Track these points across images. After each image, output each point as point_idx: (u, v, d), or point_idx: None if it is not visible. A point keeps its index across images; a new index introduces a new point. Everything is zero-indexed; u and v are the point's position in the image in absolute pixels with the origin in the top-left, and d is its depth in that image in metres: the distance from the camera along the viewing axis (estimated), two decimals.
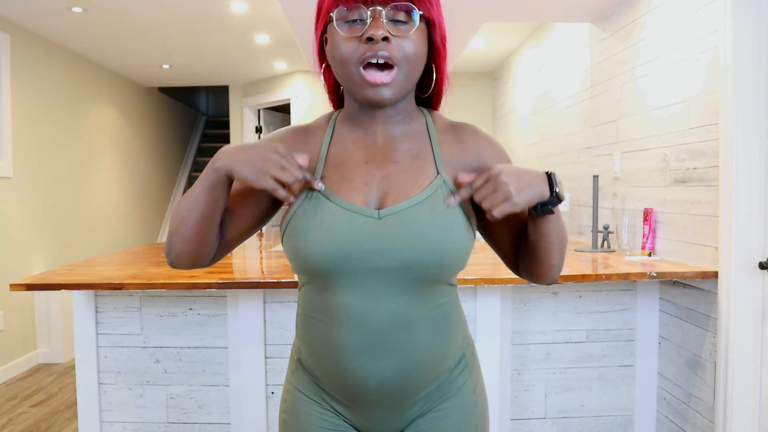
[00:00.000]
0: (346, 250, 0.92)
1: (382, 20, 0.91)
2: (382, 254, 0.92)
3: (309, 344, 1.00)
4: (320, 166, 0.99)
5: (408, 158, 0.98)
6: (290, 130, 1.05)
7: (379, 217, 0.93)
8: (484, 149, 1.01)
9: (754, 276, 2.10)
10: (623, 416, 2.54)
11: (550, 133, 4.06)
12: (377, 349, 0.94)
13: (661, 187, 2.59)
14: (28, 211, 4.30)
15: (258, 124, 6.63)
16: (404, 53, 0.92)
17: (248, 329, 2.36)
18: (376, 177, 0.96)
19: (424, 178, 0.96)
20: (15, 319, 4.11)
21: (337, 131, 1.02)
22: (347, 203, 0.94)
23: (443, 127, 1.03)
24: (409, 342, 0.94)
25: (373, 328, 0.93)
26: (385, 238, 0.92)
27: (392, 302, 0.93)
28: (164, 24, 4.22)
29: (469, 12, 3.31)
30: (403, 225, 0.92)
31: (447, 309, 0.99)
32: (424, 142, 1.00)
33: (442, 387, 1.01)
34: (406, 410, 1.00)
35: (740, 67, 2.07)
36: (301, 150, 1.01)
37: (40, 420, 3.29)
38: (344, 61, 0.93)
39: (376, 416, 1.00)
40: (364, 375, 0.95)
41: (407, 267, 0.92)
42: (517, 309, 2.47)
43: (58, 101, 4.74)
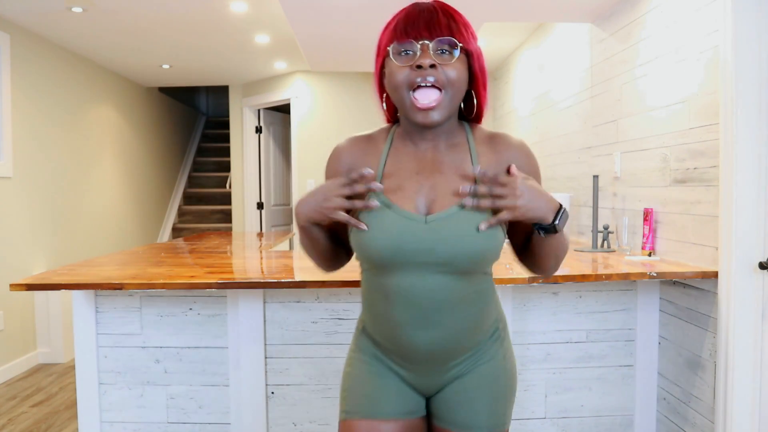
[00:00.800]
0: (398, 247, 1.13)
1: (429, 51, 1.11)
2: (427, 252, 1.12)
3: (371, 316, 1.24)
4: (379, 174, 1.20)
5: (451, 169, 1.18)
6: (357, 138, 1.27)
7: (426, 222, 1.13)
8: (517, 158, 1.20)
9: (754, 276, 2.10)
10: (623, 416, 2.54)
11: (550, 133, 4.06)
12: (424, 322, 1.16)
13: (661, 187, 2.59)
14: (28, 211, 4.30)
15: (258, 124, 6.63)
16: (448, 78, 1.12)
17: (248, 329, 2.36)
18: (424, 186, 1.17)
19: None
20: (15, 319, 4.11)
21: (394, 144, 1.23)
22: (400, 209, 1.15)
23: (481, 138, 1.22)
24: (449, 317, 1.16)
25: (421, 305, 1.15)
26: (430, 240, 1.12)
27: (435, 286, 1.14)
28: (164, 24, 4.22)
29: (469, 12, 3.29)
30: (445, 229, 1.12)
31: (482, 292, 1.21)
32: (465, 155, 1.20)
33: (477, 354, 1.23)
34: (447, 371, 1.23)
35: (740, 67, 2.07)
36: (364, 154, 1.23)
37: (40, 420, 3.29)
38: (398, 86, 1.13)
39: (423, 374, 1.23)
40: (414, 341, 1.18)
41: (447, 262, 1.13)
42: (517, 309, 2.47)
43: (58, 101, 4.74)
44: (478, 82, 1.19)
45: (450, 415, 1.24)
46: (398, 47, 1.14)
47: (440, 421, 1.26)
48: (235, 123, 6.67)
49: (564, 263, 2.52)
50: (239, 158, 6.65)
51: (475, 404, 1.23)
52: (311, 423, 2.43)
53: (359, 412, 1.23)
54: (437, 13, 1.14)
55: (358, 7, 3.23)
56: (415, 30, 1.12)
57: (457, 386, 1.24)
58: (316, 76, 5.83)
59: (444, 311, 1.16)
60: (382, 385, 1.24)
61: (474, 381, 1.23)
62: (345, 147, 1.26)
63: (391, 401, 1.23)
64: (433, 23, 1.12)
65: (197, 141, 8.71)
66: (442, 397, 1.26)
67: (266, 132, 6.69)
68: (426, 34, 1.12)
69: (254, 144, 6.61)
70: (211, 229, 7.43)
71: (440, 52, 1.12)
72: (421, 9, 1.15)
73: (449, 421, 1.24)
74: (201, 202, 7.96)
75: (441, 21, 1.13)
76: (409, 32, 1.12)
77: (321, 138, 5.75)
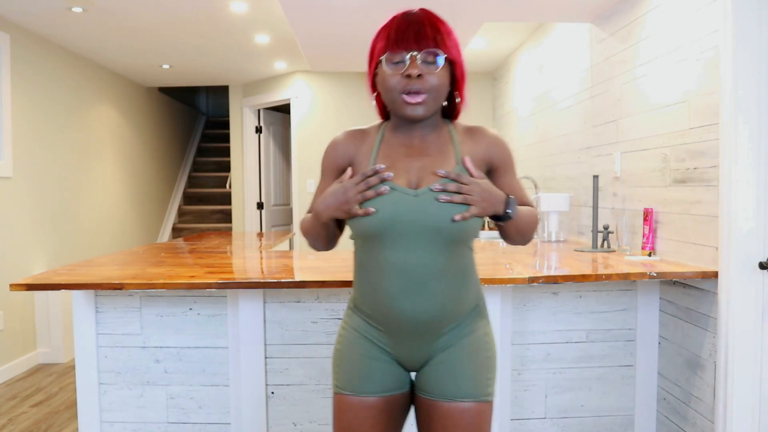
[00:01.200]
0: (392, 218, 1.28)
1: (417, 62, 1.29)
2: (417, 222, 1.28)
3: (363, 290, 1.38)
4: (373, 158, 1.36)
5: (436, 153, 1.36)
6: (352, 131, 1.44)
7: (416, 194, 1.30)
8: (491, 144, 1.40)
9: (754, 276, 2.10)
10: (623, 416, 2.54)
11: (550, 133, 4.06)
12: (413, 292, 1.30)
13: (661, 187, 2.59)
14: (28, 211, 4.30)
15: (258, 124, 6.63)
16: (432, 85, 1.30)
17: (248, 329, 2.36)
18: (413, 167, 1.34)
19: (447, 167, 1.33)
20: (15, 319, 4.11)
21: (386, 136, 1.40)
22: (393, 184, 1.30)
23: (461, 130, 1.41)
24: (437, 288, 1.31)
25: (411, 276, 1.29)
26: (420, 210, 1.28)
27: (425, 258, 1.29)
28: (164, 24, 4.22)
29: (469, 12, 3.31)
30: (433, 200, 1.28)
31: (466, 266, 1.36)
32: (448, 142, 1.38)
33: (460, 327, 1.37)
34: (433, 342, 1.35)
35: (740, 67, 2.07)
36: (359, 144, 1.40)
37: (40, 420, 3.29)
38: (390, 90, 1.31)
39: (409, 347, 1.36)
40: (404, 310, 1.31)
41: (436, 230, 1.28)
42: (517, 309, 2.47)
43: (58, 101, 4.74)
44: (459, 85, 1.38)
45: (435, 386, 1.36)
46: (390, 56, 1.31)
47: (426, 393, 1.38)
48: (235, 123, 6.67)
49: (564, 263, 2.53)
50: (239, 158, 6.65)
51: (458, 374, 1.35)
52: (311, 423, 2.43)
53: (348, 388, 1.39)
54: (424, 26, 1.30)
55: (358, 7, 3.23)
56: (405, 42, 1.29)
57: (441, 358, 1.36)
58: (316, 76, 5.83)
59: (431, 281, 1.30)
60: (369, 364, 1.38)
61: (456, 353, 1.36)
62: (341, 139, 1.43)
63: (377, 379, 1.38)
64: (421, 35, 1.29)
65: (197, 141, 8.71)
66: (427, 370, 1.38)
67: (266, 132, 6.69)
68: (415, 45, 1.29)
69: (254, 144, 6.61)
70: (211, 229, 7.43)
71: (426, 62, 1.30)
72: (410, 21, 1.31)
73: (435, 392, 1.36)
74: (201, 202, 7.96)
75: (428, 33, 1.29)
76: (400, 44, 1.29)
77: (321, 138, 5.75)
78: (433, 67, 1.30)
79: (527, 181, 4.43)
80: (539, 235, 3.66)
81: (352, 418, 1.37)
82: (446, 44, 1.32)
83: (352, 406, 1.38)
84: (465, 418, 1.34)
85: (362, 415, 1.37)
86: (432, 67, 1.30)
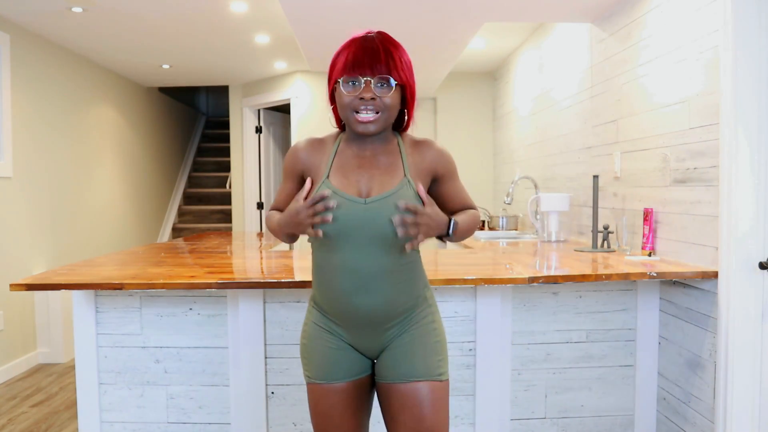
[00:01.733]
0: (344, 223, 1.44)
1: (371, 86, 1.44)
2: (367, 227, 1.45)
3: (320, 288, 1.54)
4: (327, 168, 1.52)
5: (385, 166, 1.52)
6: (312, 139, 1.60)
7: (366, 203, 1.46)
8: (436, 157, 1.57)
9: (754, 276, 2.10)
10: (623, 416, 2.54)
11: (550, 133, 4.06)
12: (364, 290, 1.48)
13: (661, 187, 2.59)
14: (28, 211, 4.30)
15: (258, 124, 6.63)
16: (384, 105, 1.46)
17: (248, 329, 2.36)
18: (364, 177, 1.50)
19: (395, 179, 1.50)
20: (15, 319, 4.11)
21: (340, 147, 1.56)
22: (344, 193, 1.47)
23: (409, 143, 1.58)
24: (385, 285, 1.48)
25: (362, 275, 1.47)
26: (369, 217, 1.45)
27: (375, 260, 1.46)
28: (164, 24, 4.22)
29: (469, 12, 3.31)
30: (381, 209, 1.45)
31: (409, 265, 1.52)
32: (396, 155, 1.54)
33: (409, 317, 1.54)
34: (385, 332, 1.53)
35: (740, 67, 2.07)
36: (316, 152, 1.56)
37: (40, 420, 3.29)
38: (345, 108, 1.47)
39: (365, 336, 1.53)
40: (356, 306, 1.49)
41: (384, 235, 1.45)
42: (517, 309, 2.47)
43: (58, 101, 4.74)
44: (410, 104, 1.54)
45: (392, 371, 1.52)
46: (347, 79, 1.46)
47: (384, 378, 1.54)
48: (235, 123, 6.67)
49: (564, 263, 2.53)
50: (239, 158, 6.65)
51: (410, 357, 1.51)
52: (311, 423, 2.42)
53: (319, 377, 1.55)
54: (379, 52, 1.45)
55: (358, 7, 3.23)
56: (360, 68, 1.44)
57: (394, 345, 1.53)
58: (316, 76, 5.83)
59: (380, 280, 1.47)
60: (334, 354, 1.55)
61: (407, 339, 1.52)
62: (301, 147, 1.59)
63: (342, 367, 1.54)
64: (375, 61, 1.44)
65: (197, 141, 8.71)
66: (383, 357, 1.55)
67: (266, 132, 6.69)
68: (369, 72, 1.44)
69: (254, 144, 6.61)
70: (211, 229, 7.43)
71: (379, 86, 1.45)
72: (366, 47, 1.45)
73: (392, 376, 1.52)
74: (201, 202, 7.96)
75: (381, 59, 1.44)
76: (356, 69, 1.44)
77: None
78: (385, 90, 1.45)
79: (527, 181, 4.43)
80: (539, 234, 3.66)
81: (326, 404, 1.55)
82: (398, 70, 1.46)
83: (324, 392, 1.55)
84: (420, 396, 1.50)
85: (334, 400, 1.54)
86: (384, 90, 1.45)
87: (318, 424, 1.58)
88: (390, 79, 1.45)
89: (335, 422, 1.55)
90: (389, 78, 1.45)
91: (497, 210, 5.44)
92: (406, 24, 3.51)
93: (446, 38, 3.89)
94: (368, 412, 1.63)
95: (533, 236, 3.95)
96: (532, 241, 3.66)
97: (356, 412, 1.57)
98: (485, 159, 5.81)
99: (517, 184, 4.70)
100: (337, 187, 1.48)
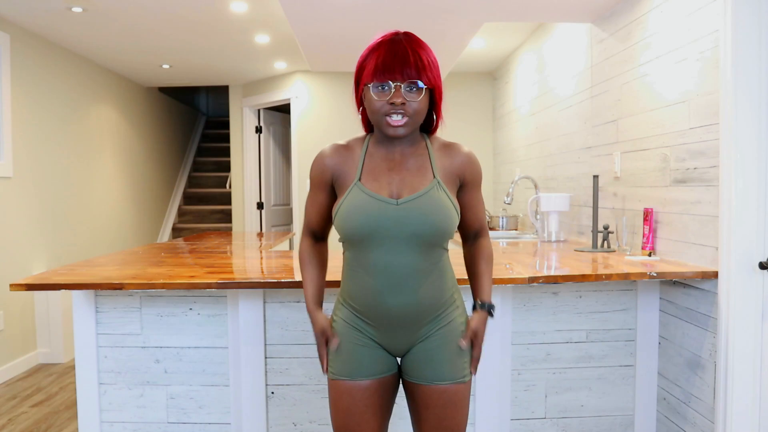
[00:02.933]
0: (376, 224, 1.47)
1: (401, 90, 1.45)
2: (399, 228, 1.47)
3: (352, 287, 1.55)
4: (359, 171, 1.54)
5: (415, 168, 1.54)
6: (337, 146, 1.59)
7: (398, 204, 1.49)
8: (465, 162, 1.58)
9: (754, 276, 2.10)
10: (623, 416, 2.54)
11: (550, 133, 4.06)
12: (397, 289, 1.49)
13: (661, 187, 2.59)
14: (28, 211, 4.30)
15: (258, 124, 6.63)
16: (413, 110, 1.47)
17: (248, 329, 2.36)
18: (395, 179, 1.52)
19: (425, 180, 1.52)
20: (15, 319, 4.11)
21: (369, 150, 1.57)
22: (376, 194, 1.49)
23: (438, 146, 1.59)
24: (417, 285, 1.50)
25: (393, 275, 1.49)
26: (401, 217, 1.47)
27: (407, 259, 1.48)
28: (164, 24, 4.22)
29: (469, 12, 3.31)
30: (412, 209, 1.48)
31: (442, 265, 1.55)
32: (425, 157, 1.56)
33: (438, 318, 1.55)
34: (415, 332, 1.54)
35: (740, 67, 2.07)
36: (344, 159, 1.57)
37: (40, 420, 3.29)
38: (375, 112, 1.48)
39: (394, 336, 1.54)
40: (389, 305, 1.50)
41: (416, 235, 1.47)
42: (517, 309, 2.47)
43: (58, 101, 4.74)
44: (438, 106, 1.55)
45: (418, 371, 1.56)
46: (377, 83, 1.46)
47: (410, 377, 1.58)
48: (235, 123, 6.67)
49: (564, 263, 2.53)
50: (239, 158, 6.65)
51: (437, 360, 1.54)
52: (311, 423, 2.43)
53: (343, 374, 1.57)
54: (408, 56, 1.45)
55: (358, 7, 3.23)
56: (390, 73, 1.44)
57: (422, 346, 1.55)
58: (316, 76, 5.83)
59: (411, 279, 1.49)
60: (360, 351, 1.56)
61: (436, 341, 1.54)
62: (328, 153, 1.58)
63: (367, 364, 1.56)
64: (405, 66, 1.44)
65: (197, 141, 8.71)
66: (410, 356, 1.56)
67: (266, 132, 6.69)
68: (399, 76, 1.44)
69: (254, 144, 6.61)
70: (211, 229, 7.43)
71: (409, 89, 1.45)
72: (396, 51, 1.45)
73: (418, 376, 1.56)
74: (201, 202, 7.96)
75: (411, 63, 1.44)
76: (386, 74, 1.45)
77: (321, 138, 5.75)
78: (414, 95, 1.46)
79: (527, 181, 4.43)
80: (539, 234, 3.66)
81: (349, 400, 1.56)
82: (427, 73, 1.47)
83: (348, 389, 1.56)
84: (444, 397, 1.54)
85: (357, 397, 1.56)
86: (413, 94, 1.46)
87: (339, 420, 1.58)
88: (419, 82, 1.46)
89: (356, 419, 1.56)
90: (418, 82, 1.46)
91: (497, 210, 5.44)
92: (406, 24, 3.51)
93: (446, 38, 3.89)
94: (389, 411, 1.63)
95: (533, 236, 3.95)
96: (532, 241, 3.66)
97: (378, 411, 1.58)
98: (485, 159, 5.81)
99: (517, 184, 4.70)
100: (369, 189, 1.51)
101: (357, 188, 1.50)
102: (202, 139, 8.92)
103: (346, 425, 1.57)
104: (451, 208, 1.51)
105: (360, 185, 1.51)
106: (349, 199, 1.50)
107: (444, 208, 1.49)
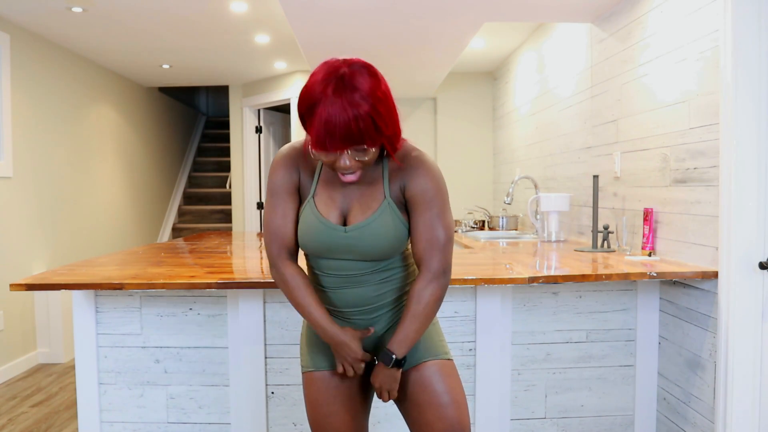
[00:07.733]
0: (326, 247, 1.52)
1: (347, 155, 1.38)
2: (347, 251, 1.52)
3: (314, 284, 1.61)
4: (314, 183, 1.54)
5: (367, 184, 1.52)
6: (296, 148, 1.56)
7: (345, 231, 1.51)
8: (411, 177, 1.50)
9: (754, 276, 2.10)
10: (623, 416, 2.54)
11: (550, 133, 4.06)
12: (346, 285, 1.56)
13: (661, 187, 2.59)
14: (28, 211, 4.30)
15: (258, 124, 6.63)
16: (364, 163, 1.42)
17: (248, 329, 2.36)
18: (347, 199, 1.53)
19: (375, 202, 1.51)
20: (15, 319, 4.11)
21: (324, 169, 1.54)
22: (325, 220, 1.51)
23: (399, 156, 1.51)
24: (366, 281, 1.55)
25: (345, 277, 1.55)
26: (350, 245, 1.51)
27: (354, 266, 1.54)
28: (164, 24, 4.22)
29: (469, 12, 3.31)
30: (360, 237, 1.50)
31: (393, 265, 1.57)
32: (379, 173, 1.52)
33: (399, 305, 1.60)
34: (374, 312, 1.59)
35: (740, 67, 2.07)
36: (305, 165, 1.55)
37: (40, 420, 3.29)
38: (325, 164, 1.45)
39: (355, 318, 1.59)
40: (341, 297, 1.58)
41: (362, 256, 1.52)
42: (517, 309, 2.47)
43: (58, 101, 4.74)
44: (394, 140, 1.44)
45: None
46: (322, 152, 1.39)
47: None
48: (235, 123, 6.67)
49: (564, 263, 2.52)
50: (239, 158, 6.65)
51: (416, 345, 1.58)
52: None
53: (309, 365, 1.63)
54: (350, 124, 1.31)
55: (358, 7, 3.23)
56: (333, 145, 1.34)
57: (388, 334, 1.60)
58: None
59: (361, 279, 1.55)
60: (322, 342, 1.61)
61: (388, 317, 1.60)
62: (294, 154, 1.55)
63: (330, 354, 1.61)
64: (348, 137, 1.33)
65: (197, 141, 8.71)
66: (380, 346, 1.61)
67: (266, 132, 6.69)
68: (342, 146, 1.35)
69: (254, 144, 6.60)
70: (211, 229, 7.42)
71: (356, 151, 1.38)
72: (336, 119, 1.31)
73: None
74: (201, 202, 7.96)
75: (353, 133, 1.32)
76: (328, 147, 1.35)
77: None
78: (362, 154, 1.39)
79: (527, 181, 4.43)
80: (539, 234, 3.66)
81: (315, 392, 1.61)
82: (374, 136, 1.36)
83: (314, 381, 1.62)
84: (433, 372, 1.57)
85: (322, 387, 1.60)
86: (361, 153, 1.39)
87: (309, 413, 1.62)
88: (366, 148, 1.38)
89: (324, 411, 1.58)
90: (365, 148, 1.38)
91: (497, 210, 5.44)
92: (407, 24, 3.51)
93: (446, 38, 3.89)
94: (364, 406, 1.65)
95: (533, 236, 3.95)
96: (532, 241, 3.66)
97: (348, 402, 1.60)
98: (485, 159, 5.81)
99: (517, 184, 4.70)
100: (320, 210, 1.51)
101: (309, 207, 1.52)
102: (202, 139, 8.92)
103: (315, 419, 1.60)
104: (402, 229, 1.51)
105: (312, 205, 1.51)
106: (302, 218, 1.53)
107: (392, 231, 1.49)
